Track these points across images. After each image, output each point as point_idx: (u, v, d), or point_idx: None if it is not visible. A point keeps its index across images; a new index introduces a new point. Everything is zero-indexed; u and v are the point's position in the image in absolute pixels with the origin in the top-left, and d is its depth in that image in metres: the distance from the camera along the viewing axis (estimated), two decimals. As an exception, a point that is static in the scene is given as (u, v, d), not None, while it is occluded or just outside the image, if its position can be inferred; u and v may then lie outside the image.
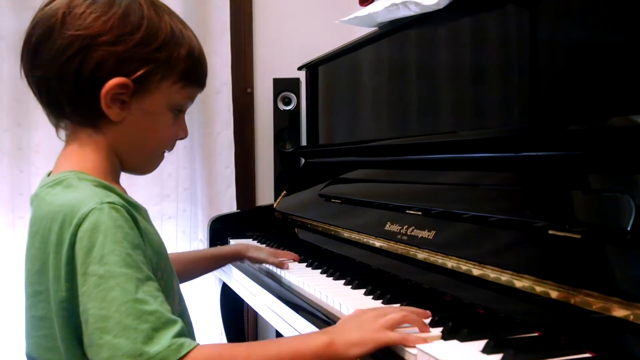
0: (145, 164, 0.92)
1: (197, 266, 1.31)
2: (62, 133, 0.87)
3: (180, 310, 0.88)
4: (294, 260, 1.39)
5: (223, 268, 1.59)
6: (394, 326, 0.79)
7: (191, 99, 0.91)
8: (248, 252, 1.39)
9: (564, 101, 1.03)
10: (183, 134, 0.93)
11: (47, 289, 0.76)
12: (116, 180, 0.87)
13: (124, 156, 0.87)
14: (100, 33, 0.79)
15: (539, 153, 0.99)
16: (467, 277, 0.97)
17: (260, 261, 1.39)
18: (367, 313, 0.82)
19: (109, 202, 0.75)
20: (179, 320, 0.72)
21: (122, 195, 0.81)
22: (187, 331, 0.75)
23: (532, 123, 1.11)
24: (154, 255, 0.81)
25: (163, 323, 0.70)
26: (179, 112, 0.90)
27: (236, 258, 1.42)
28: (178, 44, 0.84)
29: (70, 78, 0.79)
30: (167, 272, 0.86)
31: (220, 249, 1.44)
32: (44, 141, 2.05)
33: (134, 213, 0.78)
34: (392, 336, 0.78)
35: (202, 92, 2.74)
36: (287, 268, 1.33)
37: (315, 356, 0.76)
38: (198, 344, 0.71)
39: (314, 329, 0.97)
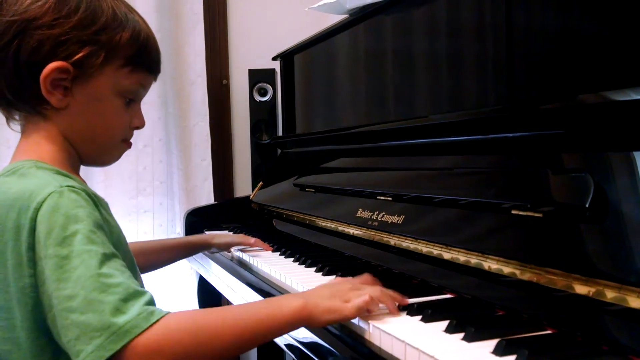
0: (100, 154, 0.90)
1: (162, 255, 1.30)
2: (17, 125, 0.87)
3: None
4: (266, 250, 1.39)
5: (200, 261, 1.58)
6: (364, 303, 0.78)
7: (143, 86, 0.90)
8: (213, 239, 1.41)
9: (536, 84, 1.03)
10: (138, 123, 0.91)
11: (6, 277, 0.74)
12: (75, 170, 0.87)
13: (77, 145, 0.86)
14: (36, 17, 0.78)
15: (510, 134, 0.98)
16: (437, 261, 0.97)
17: (227, 245, 1.41)
18: (343, 284, 0.83)
19: (68, 186, 0.74)
20: (148, 291, 0.71)
21: (82, 184, 0.79)
22: None
23: (506, 104, 1.10)
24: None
25: (131, 294, 0.68)
26: (131, 99, 0.88)
27: (204, 246, 1.43)
28: (120, 27, 0.84)
29: (9, 65, 0.79)
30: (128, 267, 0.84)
31: (187, 238, 1.46)
32: (15, 136, 2.01)
33: (94, 199, 0.77)
34: (358, 303, 0.77)
35: (177, 83, 2.68)
36: (253, 242, 1.37)
37: (289, 319, 0.75)
38: (169, 312, 0.70)
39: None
